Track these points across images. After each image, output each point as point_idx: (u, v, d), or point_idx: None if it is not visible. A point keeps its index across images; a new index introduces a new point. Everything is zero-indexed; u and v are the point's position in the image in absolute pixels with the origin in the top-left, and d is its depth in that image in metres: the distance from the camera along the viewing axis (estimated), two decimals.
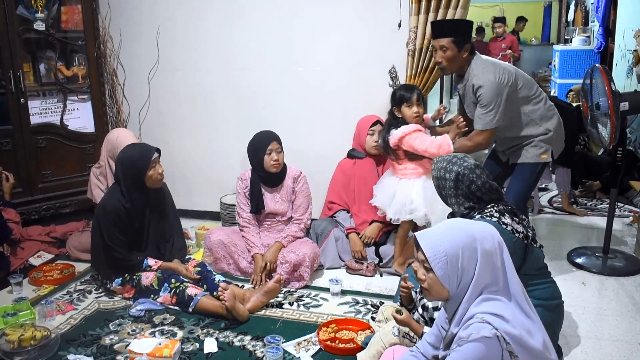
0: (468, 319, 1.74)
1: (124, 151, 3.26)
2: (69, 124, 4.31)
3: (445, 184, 2.52)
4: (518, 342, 1.69)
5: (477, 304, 1.75)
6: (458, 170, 2.47)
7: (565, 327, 2.82)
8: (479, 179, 2.46)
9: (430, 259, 1.77)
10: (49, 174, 4.21)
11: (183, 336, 2.84)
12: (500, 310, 1.72)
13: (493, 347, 1.67)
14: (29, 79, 4.13)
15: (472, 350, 1.68)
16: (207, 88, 4.42)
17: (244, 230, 3.60)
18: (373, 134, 3.71)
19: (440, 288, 1.79)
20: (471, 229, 1.80)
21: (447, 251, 1.76)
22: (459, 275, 1.76)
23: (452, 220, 1.92)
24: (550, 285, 2.59)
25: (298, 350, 2.67)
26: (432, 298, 1.87)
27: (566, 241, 4.12)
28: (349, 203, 3.81)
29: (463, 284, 1.77)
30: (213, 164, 4.53)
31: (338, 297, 3.23)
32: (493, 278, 1.76)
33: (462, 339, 1.72)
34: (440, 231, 1.84)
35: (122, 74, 4.61)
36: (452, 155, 2.57)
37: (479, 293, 1.76)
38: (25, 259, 3.74)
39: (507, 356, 1.67)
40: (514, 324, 1.70)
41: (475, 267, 1.74)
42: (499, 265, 1.77)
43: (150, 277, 3.18)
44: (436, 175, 2.57)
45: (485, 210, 2.45)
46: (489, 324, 1.68)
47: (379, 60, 3.89)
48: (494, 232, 1.82)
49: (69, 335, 2.87)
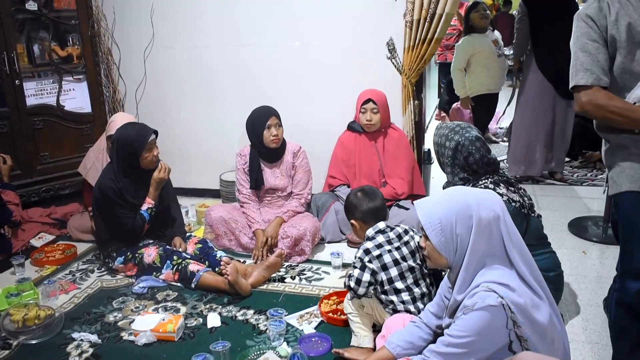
0: (473, 288, 1.73)
1: (120, 130, 3.23)
2: (66, 105, 4.28)
3: (444, 152, 2.52)
4: (523, 312, 1.68)
5: (482, 273, 1.74)
6: (459, 140, 2.47)
7: (566, 295, 2.84)
8: (477, 152, 2.45)
9: (426, 226, 1.79)
10: (47, 155, 4.19)
11: (186, 312, 2.85)
12: (505, 279, 1.71)
13: (498, 316, 1.67)
14: (23, 61, 4.08)
15: (477, 318, 1.68)
16: (204, 65, 4.38)
17: (245, 207, 3.60)
18: (365, 112, 3.69)
19: (437, 255, 1.81)
20: (467, 197, 1.79)
21: (441, 219, 1.77)
22: (454, 243, 1.77)
23: (451, 188, 1.91)
24: (550, 255, 2.59)
25: (301, 323, 2.68)
26: (432, 265, 1.89)
27: (566, 211, 4.11)
28: (349, 177, 3.80)
29: (460, 252, 1.77)
30: (212, 141, 4.51)
31: (339, 270, 3.24)
32: (490, 247, 1.75)
33: (467, 307, 1.72)
34: (437, 199, 1.85)
35: (117, 53, 4.57)
36: (456, 124, 2.56)
37: (478, 261, 1.75)
38: (27, 240, 3.75)
39: (511, 325, 1.67)
40: (519, 293, 1.70)
41: (470, 235, 1.74)
42: (497, 234, 1.75)
43: (153, 255, 3.18)
44: (437, 142, 2.57)
45: (478, 182, 2.45)
46: (495, 292, 1.67)
47: (377, 33, 3.85)
48: (495, 200, 1.80)
49: (73, 314, 2.88)
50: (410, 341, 2.06)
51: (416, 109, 3.87)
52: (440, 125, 2.60)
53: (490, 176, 2.47)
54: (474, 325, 1.70)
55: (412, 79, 3.80)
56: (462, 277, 1.76)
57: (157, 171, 3.26)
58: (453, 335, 1.75)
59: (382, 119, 3.69)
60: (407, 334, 2.09)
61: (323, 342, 2.50)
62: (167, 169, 3.30)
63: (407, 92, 3.83)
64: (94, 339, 2.62)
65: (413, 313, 2.33)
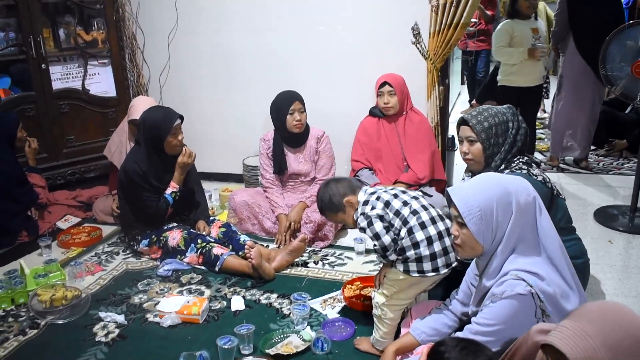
0: (502, 275, 1.71)
1: (146, 113, 3.25)
2: (91, 89, 4.32)
3: (493, 128, 2.40)
4: (552, 301, 1.66)
5: (511, 260, 1.72)
6: (507, 114, 2.40)
7: (591, 285, 2.81)
8: (523, 126, 2.43)
9: (464, 214, 1.74)
10: (72, 139, 4.24)
11: (210, 295, 2.88)
12: (535, 267, 1.69)
13: (527, 305, 1.65)
14: (49, 45, 4.12)
15: (506, 307, 1.66)
16: (227, 49, 4.38)
17: (268, 191, 3.61)
18: (382, 95, 3.66)
19: (474, 243, 1.76)
20: (505, 183, 1.77)
21: (481, 206, 1.73)
22: (493, 230, 1.73)
23: (484, 174, 1.88)
24: (576, 242, 2.56)
25: (324, 307, 2.69)
26: (465, 254, 1.84)
27: (593, 199, 4.06)
28: (371, 161, 3.78)
29: (497, 239, 1.74)
30: (235, 125, 4.52)
31: (362, 256, 3.24)
32: (525, 233, 1.73)
33: (495, 295, 1.70)
34: (473, 186, 1.80)
35: (141, 38, 4.59)
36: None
37: (511, 248, 1.73)
38: (53, 222, 3.81)
39: (539, 314, 1.65)
40: (549, 282, 1.67)
41: (509, 222, 1.71)
42: (532, 221, 1.73)
43: (177, 238, 3.21)
44: (483, 119, 2.40)
45: (511, 165, 2.41)
46: (524, 280, 1.65)
47: (402, 17, 3.80)
48: (528, 186, 1.78)
49: (99, 295, 2.93)
50: (435, 328, 2.05)
51: (441, 95, 3.83)
52: (480, 108, 2.50)
53: (521, 157, 2.43)
54: (502, 313, 1.68)
55: (437, 65, 3.75)
56: (494, 263, 1.74)
57: (182, 155, 3.28)
58: (480, 323, 1.73)
59: (400, 101, 3.66)
60: (432, 320, 2.07)
61: (346, 326, 2.51)
62: (192, 154, 3.31)
63: (432, 78, 3.79)
64: (120, 319, 2.65)
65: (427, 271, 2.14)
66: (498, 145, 2.38)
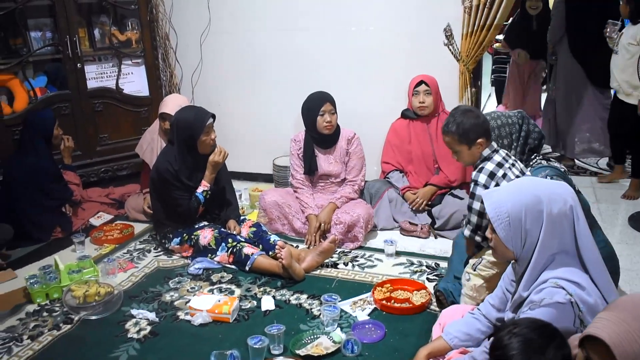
0: (541, 283, 1.68)
1: (179, 112, 3.29)
2: (124, 88, 4.38)
3: (506, 129, 2.49)
4: (592, 312, 1.61)
5: (551, 268, 1.69)
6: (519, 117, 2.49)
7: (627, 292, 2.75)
8: (535, 127, 2.47)
9: (493, 219, 1.74)
10: (106, 137, 4.30)
11: (241, 294, 2.89)
12: (575, 276, 1.65)
13: (565, 314, 1.61)
14: (85, 44, 4.18)
15: (544, 315, 1.61)
16: (259, 49, 4.39)
17: (298, 192, 3.62)
18: (417, 95, 3.64)
19: (504, 249, 1.76)
20: (538, 190, 1.73)
21: (509, 212, 1.71)
22: (522, 237, 1.71)
23: (521, 179, 1.86)
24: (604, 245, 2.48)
25: (354, 309, 2.68)
26: (498, 258, 1.84)
27: (627, 205, 3.98)
28: (402, 164, 3.77)
29: (528, 247, 1.71)
30: (265, 125, 4.53)
31: (393, 258, 3.23)
32: (562, 244, 1.69)
33: (534, 302, 1.66)
34: (506, 190, 1.79)
35: (174, 38, 4.64)
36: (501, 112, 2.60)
37: (547, 258, 1.70)
38: (86, 219, 3.87)
39: (578, 323, 1.61)
40: (589, 292, 1.64)
41: (541, 231, 1.69)
42: (568, 230, 1.69)
43: (208, 237, 3.23)
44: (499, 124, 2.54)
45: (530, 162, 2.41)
46: (564, 289, 1.62)
47: (434, 19, 3.78)
48: (567, 194, 1.74)
49: (131, 292, 2.97)
50: (467, 332, 2.01)
51: (473, 97, 3.80)
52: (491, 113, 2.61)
53: (537, 154, 2.43)
54: None
55: (469, 66, 3.72)
56: (529, 274, 1.72)
57: (214, 154, 3.30)
58: None
59: (435, 101, 3.64)
60: (465, 325, 2.04)
61: (377, 329, 2.50)
62: (224, 153, 3.33)
63: (464, 80, 3.75)
64: (152, 317, 2.69)
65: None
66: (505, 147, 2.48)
